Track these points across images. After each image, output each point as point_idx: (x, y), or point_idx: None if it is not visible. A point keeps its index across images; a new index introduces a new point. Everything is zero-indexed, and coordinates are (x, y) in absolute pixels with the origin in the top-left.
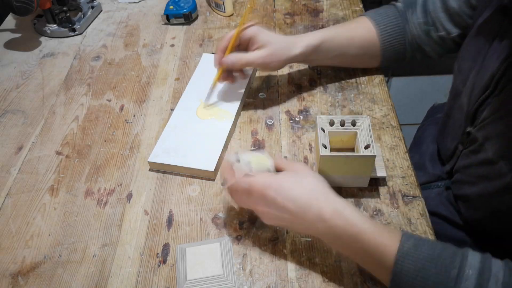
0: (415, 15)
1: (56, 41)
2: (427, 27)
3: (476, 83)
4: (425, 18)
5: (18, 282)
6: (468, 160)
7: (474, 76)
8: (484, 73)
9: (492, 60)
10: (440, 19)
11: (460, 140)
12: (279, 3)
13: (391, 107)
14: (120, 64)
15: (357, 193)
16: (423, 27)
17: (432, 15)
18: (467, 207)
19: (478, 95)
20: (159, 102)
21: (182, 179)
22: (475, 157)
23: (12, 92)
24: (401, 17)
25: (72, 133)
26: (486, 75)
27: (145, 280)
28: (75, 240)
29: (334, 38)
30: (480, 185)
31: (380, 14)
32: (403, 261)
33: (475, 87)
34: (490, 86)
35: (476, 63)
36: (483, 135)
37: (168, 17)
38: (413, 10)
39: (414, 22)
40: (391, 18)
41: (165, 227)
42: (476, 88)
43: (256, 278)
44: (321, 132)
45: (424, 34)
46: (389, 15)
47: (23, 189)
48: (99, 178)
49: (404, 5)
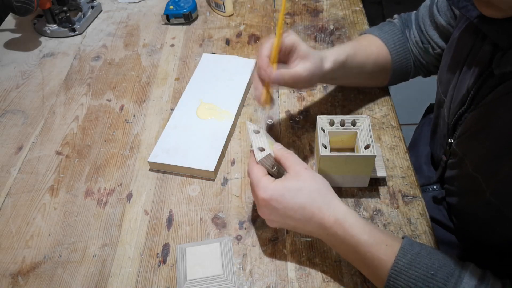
0: (412, 34)
1: (56, 41)
2: (424, 45)
3: (454, 96)
4: (420, 36)
5: (18, 282)
6: (453, 172)
7: (452, 89)
8: (461, 88)
9: (467, 75)
10: (432, 36)
11: (443, 151)
12: (279, 3)
13: (391, 107)
14: (120, 64)
15: (357, 193)
16: (421, 46)
17: (425, 33)
18: (457, 215)
19: (457, 109)
20: (159, 102)
21: (182, 179)
22: (458, 170)
23: (12, 92)
24: (403, 36)
25: (72, 133)
26: (463, 90)
27: (145, 280)
28: (75, 240)
29: (355, 54)
30: (465, 197)
31: (386, 32)
32: (395, 279)
33: (453, 100)
34: (467, 101)
35: (454, 76)
36: (462, 150)
37: (168, 17)
38: (410, 28)
39: (412, 41)
40: (398, 36)
41: (165, 227)
42: (454, 102)
43: (256, 278)
44: (321, 132)
45: (423, 52)
46: (395, 33)
47: (23, 189)
48: (99, 178)
49: (402, 23)
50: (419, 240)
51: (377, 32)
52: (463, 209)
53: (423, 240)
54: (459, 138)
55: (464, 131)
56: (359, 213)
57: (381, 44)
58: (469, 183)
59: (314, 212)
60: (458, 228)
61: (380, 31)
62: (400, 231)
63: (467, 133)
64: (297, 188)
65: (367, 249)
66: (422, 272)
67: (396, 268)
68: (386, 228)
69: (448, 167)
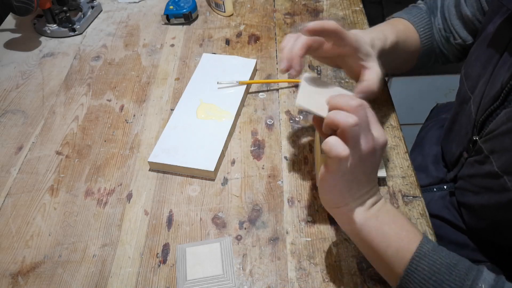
0: (437, 21)
1: (56, 41)
2: (447, 34)
3: (486, 93)
4: (444, 24)
5: (18, 282)
6: (473, 170)
7: (483, 84)
8: (494, 83)
9: (502, 70)
10: (455, 26)
11: (466, 148)
12: (279, 3)
13: (391, 107)
14: (120, 64)
15: None
16: (444, 34)
17: (448, 22)
18: (469, 214)
19: (488, 105)
20: (159, 102)
21: (182, 179)
22: (480, 167)
23: (12, 92)
24: (430, 20)
25: (72, 133)
26: (496, 86)
27: (145, 280)
28: (75, 240)
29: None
30: (483, 196)
31: (415, 16)
32: (419, 261)
33: (485, 96)
34: (500, 97)
35: (486, 71)
36: (489, 148)
37: (168, 17)
38: (435, 15)
39: (436, 28)
40: (426, 21)
41: (165, 227)
42: (486, 98)
43: (256, 278)
44: None
45: (445, 40)
46: (423, 17)
47: (23, 189)
48: (99, 178)
49: (427, 8)
50: None
51: (407, 16)
52: (481, 209)
53: None
54: (487, 135)
55: (495, 128)
56: None
57: (412, 28)
58: (491, 182)
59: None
60: (470, 227)
61: (409, 15)
62: None
63: (497, 130)
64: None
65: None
66: (446, 259)
67: (421, 250)
68: None
69: (467, 165)
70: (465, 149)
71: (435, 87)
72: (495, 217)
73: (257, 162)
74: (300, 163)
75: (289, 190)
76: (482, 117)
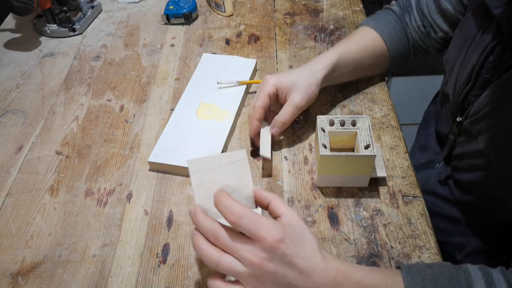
0: (413, 19)
1: (56, 41)
2: (426, 29)
3: (460, 75)
4: (422, 21)
5: (18, 282)
6: (463, 149)
7: (458, 67)
8: (466, 65)
9: (474, 52)
10: (436, 21)
11: (451, 129)
12: (279, 3)
13: (391, 107)
14: (120, 64)
15: (357, 193)
16: (423, 30)
17: (428, 18)
18: (460, 190)
19: (462, 87)
20: (159, 102)
21: (182, 179)
22: (469, 146)
23: (12, 92)
24: (401, 22)
25: (72, 133)
26: (468, 67)
27: (145, 280)
28: (75, 240)
29: (348, 52)
30: (473, 173)
31: (381, 22)
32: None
33: (459, 78)
34: (471, 79)
35: (461, 54)
36: (476, 129)
37: (168, 17)
38: (410, 13)
39: (413, 25)
40: (393, 25)
41: (165, 227)
42: (460, 80)
43: None
44: (321, 132)
45: (424, 36)
46: (390, 22)
47: (23, 189)
48: (99, 178)
49: (400, 9)
50: (419, 240)
51: (372, 23)
52: (471, 185)
53: (423, 240)
54: (472, 117)
55: (478, 110)
56: (359, 213)
57: (375, 35)
58: (480, 160)
59: (318, 262)
60: (464, 203)
61: (375, 21)
62: (400, 231)
63: (482, 112)
64: (301, 234)
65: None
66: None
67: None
68: (386, 228)
69: (457, 144)
70: (450, 130)
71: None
72: (484, 191)
73: (257, 162)
74: (300, 163)
75: (289, 190)
76: (459, 98)
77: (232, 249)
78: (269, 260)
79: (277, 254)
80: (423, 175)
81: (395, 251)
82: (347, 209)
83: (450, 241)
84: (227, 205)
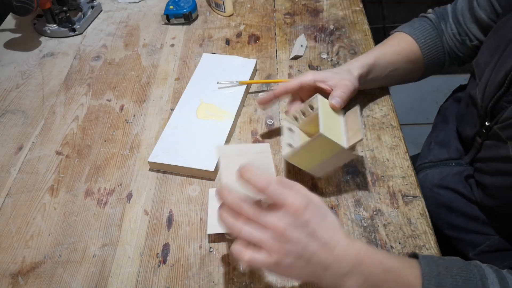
0: (449, 27)
1: (56, 41)
2: (462, 37)
3: (491, 80)
4: (458, 29)
5: (18, 282)
6: (490, 153)
7: (489, 71)
8: (499, 70)
9: (509, 58)
10: (471, 30)
11: (478, 132)
12: (279, 3)
13: (391, 107)
14: (120, 64)
15: (357, 193)
16: (458, 38)
17: (463, 26)
18: (484, 193)
19: (493, 92)
20: (159, 102)
21: (182, 179)
22: (496, 151)
23: (12, 92)
24: (437, 29)
25: (72, 133)
26: (501, 72)
27: (145, 280)
28: (75, 240)
29: (384, 55)
30: (498, 178)
31: (417, 28)
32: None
33: (490, 83)
34: (504, 84)
35: (493, 59)
36: (506, 135)
37: (168, 17)
38: (446, 21)
39: (449, 33)
40: (429, 31)
41: (165, 227)
42: (491, 85)
43: (256, 278)
44: (289, 132)
45: (459, 44)
46: (426, 29)
47: (23, 189)
48: (99, 178)
49: (436, 17)
50: (419, 240)
51: (408, 29)
52: (495, 189)
53: (423, 240)
54: (503, 122)
55: (511, 116)
56: (359, 213)
57: (411, 40)
58: (508, 166)
59: (341, 237)
60: (484, 204)
61: (410, 28)
62: (400, 231)
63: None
64: (324, 213)
65: (397, 272)
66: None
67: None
68: (386, 228)
69: (484, 148)
70: (478, 133)
71: (435, 87)
72: (509, 197)
73: None
74: None
75: None
76: (490, 104)
77: (257, 217)
78: (294, 226)
79: (302, 221)
80: (442, 170)
81: (395, 251)
82: (347, 209)
83: (464, 238)
84: (255, 173)
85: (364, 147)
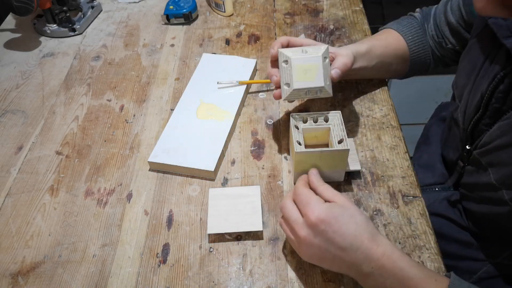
0: (430, 28)
1: (56, 41)
2: (439, 39)
3: (469, 102)
4: (435, 30)
5: (18, 282)
6: (472, 179)
7: (467, 94)
8: (476, 93)
9: (483, 80)
10: (445, 32)
11: (461, 156)
12: (279, 3)
13: (391, 107)
14: (120, 64)
15: (357, 193)
16: (436, 40)
17: (439, 28)
18: (473, 220)
19: (472, 115)
20: (159, 102)
21: (182, 179)
22: (478, 177)
23: (12, 92)
24: (421, 28)
25: (72, 133)
26: (477, 95)
27: (145, 280)
28: (75, 240)
29: (374, 46)
30: (484, 205)
31: (405, 25)
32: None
33: (468, 105)
34: (481, 107)
35: (469, 81)
36: (486, 161)
37: (168, 17)
38: (428, 22)
39: (430, 34)
40: (416, 29)
41: (165, 227)
42: (469, 107)
43: (256, 278)
44: (295, 129)
45: (438, 45)
46: (414, 26)
47: (23, 189)
48: (99, 178)
49: (422, 16)
50: (419, 240)
51: (395, 26)
52: (482, 215)
53: (423, 240)
54: (483, 147)
55: (489, 141)
56: None
57: (398, 36)
58: (490, 193)
59: (363, 241)
60: (474, 230)
61: (398, 25)
62: (400, 231)
63: (493, 143)
64: (349, 214)
65: (418, 282)
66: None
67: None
68: (386, 228)
69: (466, 173)
70: (460, 157)
71: (435, 87)
72: (497, 225)
73: (257, 162)
74: None
75: (289, 190)
76: (469, 126)
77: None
78: (312, 236)
79: (318, 231)
80: (428, 196)
81: None
82: None
83: (459, 266)
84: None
85: (364, 147)
